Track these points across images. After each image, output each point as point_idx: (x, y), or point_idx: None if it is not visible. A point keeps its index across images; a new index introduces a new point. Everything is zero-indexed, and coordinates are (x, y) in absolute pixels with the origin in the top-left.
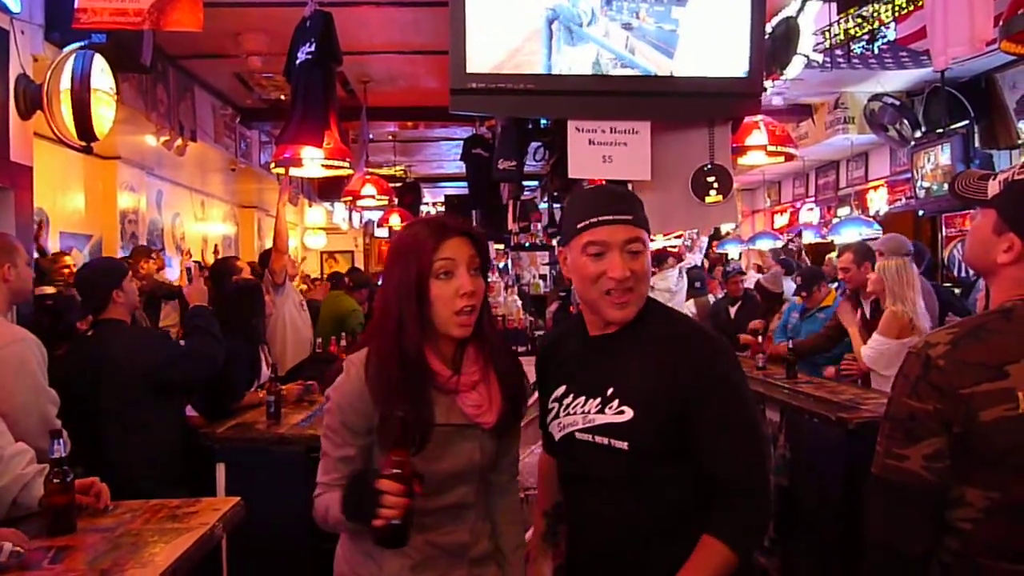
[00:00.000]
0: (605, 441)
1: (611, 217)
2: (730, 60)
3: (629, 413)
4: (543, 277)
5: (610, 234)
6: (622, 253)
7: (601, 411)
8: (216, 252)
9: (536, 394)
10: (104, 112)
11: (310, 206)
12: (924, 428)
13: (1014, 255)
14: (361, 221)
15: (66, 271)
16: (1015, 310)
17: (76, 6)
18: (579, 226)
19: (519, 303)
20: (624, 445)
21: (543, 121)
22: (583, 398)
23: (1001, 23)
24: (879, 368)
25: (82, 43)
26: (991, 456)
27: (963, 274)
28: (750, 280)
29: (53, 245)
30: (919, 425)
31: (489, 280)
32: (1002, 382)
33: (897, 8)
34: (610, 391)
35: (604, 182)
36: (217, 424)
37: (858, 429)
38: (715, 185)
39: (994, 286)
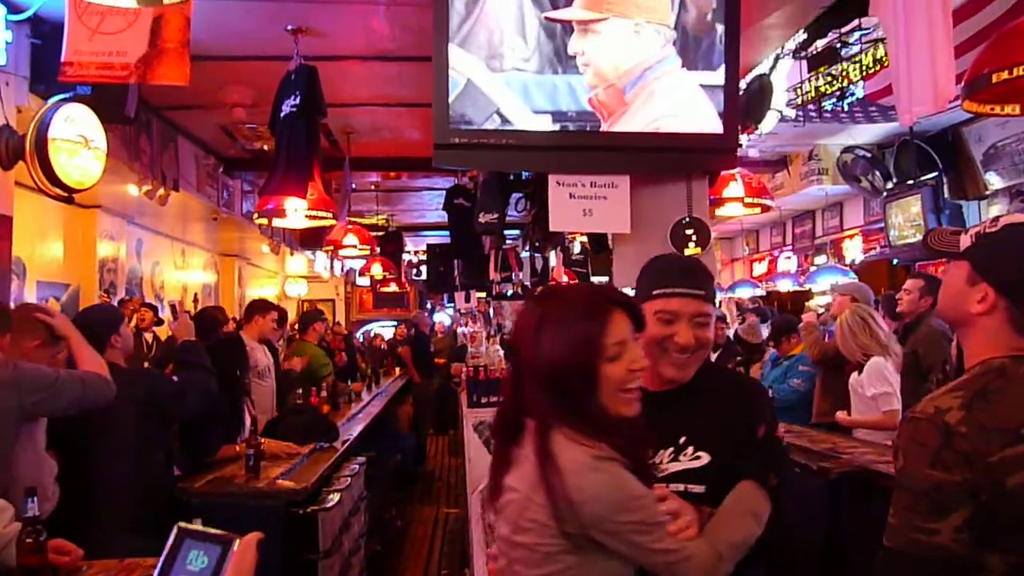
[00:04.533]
0: (681, 487)
1: (685, 291)
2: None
3: (706, 457)
4: None
5: (682, 306)
6: (690, 323)
7: (675, 459)
8: (196, 301)
9: None
10: (68, 162)
11: (291, 254)
12: (953, 499)
13: (988, 305)
14: (343, 270)
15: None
16: (1006, 368)
17: (63, 59)
18: (654, 292)
19: (501, 352)
20: (701, 488)
21: (524, 172)
22: (651, 450)
23: (963, 83)
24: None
25: (66, 95)
26: (1014, 522)
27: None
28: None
29: (29, 294)
30: (947, 497)
31: (472, 330)
32: (1022, 446)
33: (864, 68)
34: (683, 439)
35: (580, 236)
36: (194, 478)
37: (840, 479)
38: (693, 238)
39: (969, 339)
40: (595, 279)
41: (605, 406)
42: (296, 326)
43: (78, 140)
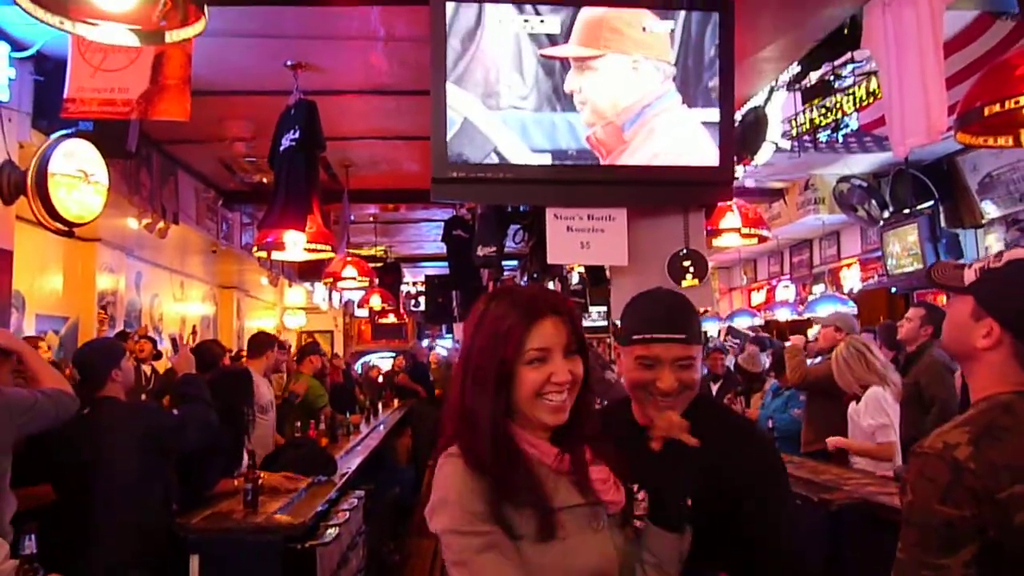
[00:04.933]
0: None
1: (665, 336)
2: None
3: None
4: None
5: (663, 351)
6: (672, 367)
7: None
8: (195, 333)
9: None
10: (67, 196)
11: (290, 286)
12: (962, 536)
13: (993, 340)
14: (341, 301)
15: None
16: (1012, 404)
17: (65, 96)
18: (634, 337)
19: None
20: None
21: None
22: (635, 485)
23: (956, 116)
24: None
25: (68, 130)
26: (1021, 558)
27: None
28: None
29: (28, 327)
30: (957, 533)
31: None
32: None
33: (858, 100)
34: None
35: (578, 266)
36: (192, 513)
37: (841, 510)
38: (691, 269)
39: (974, 373)
40: (593, 309)
41: (524, 411)
42: (295, 357)
43: (78, 175)
